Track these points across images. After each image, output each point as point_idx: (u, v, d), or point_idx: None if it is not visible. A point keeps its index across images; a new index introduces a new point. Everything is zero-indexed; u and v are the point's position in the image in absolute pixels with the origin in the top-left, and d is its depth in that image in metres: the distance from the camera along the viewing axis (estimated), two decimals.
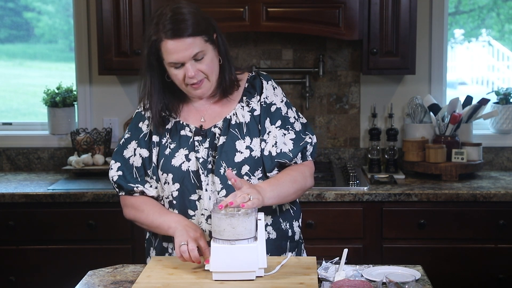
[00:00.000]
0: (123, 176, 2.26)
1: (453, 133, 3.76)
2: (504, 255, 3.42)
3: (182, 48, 2.08)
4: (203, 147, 2.19)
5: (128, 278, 2.08)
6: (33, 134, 4.09)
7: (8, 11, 4.32)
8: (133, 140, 2.27)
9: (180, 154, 2.20)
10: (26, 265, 3.45)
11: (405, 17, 3.58)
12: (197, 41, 2.11)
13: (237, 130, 2.20)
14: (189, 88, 2.15)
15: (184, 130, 2.23)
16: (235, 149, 2.17)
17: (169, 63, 2.12)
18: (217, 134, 2.20)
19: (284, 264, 2.09)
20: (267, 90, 2.26)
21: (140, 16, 3.60)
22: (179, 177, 2.19)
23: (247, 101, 2.24)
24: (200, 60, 2.12)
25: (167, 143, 2.22)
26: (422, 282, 2.03)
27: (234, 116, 2.22)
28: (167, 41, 2.08)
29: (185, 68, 2.11)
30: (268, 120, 2.23)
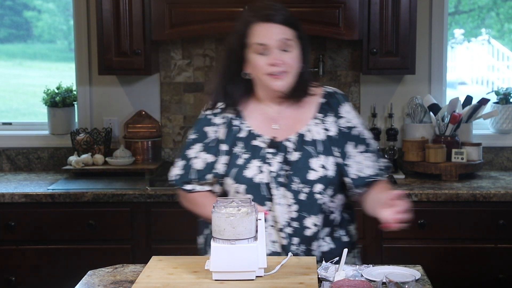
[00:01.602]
0: (182, 177, 2.29)
1: (453, 133, 3.76)
2: (504, 255, 3.42)
3: (274, 31, 2.11)
4: (275, 160, 2.18)
5: (128, 278, 2.08)
6: (33, 134, 4.09)
7: (8, 11, 4.32)
8: (198, 143, 2.27)
9: (253, 165, 2.19)
10: (26, 265, 3.45)
11: (405, 17, 3.58)
12: (289, 31, 2.14)
13: (311, 148, 2.19)
14: (268, 78, 2.14)
15: (257, 140, 2.22)
16: (309, 166, 2.17)
17: (254, 45, 2.12)
18: (289, 148, 2.19)
19: (284, 264, 2.09)
20: (348, 113, 2.24)
21: (140, 16, 3.60)
22: (251, 188, 2.19)
23: (322, 119, 2.22)
24: (286, 52, 2.13)
25: (240, 152, 2.22)
26: (422, 282, 2.03)
27: (308, 133, 2.20)
28: (260, 23, 2.12)
29: (270, 54, 2.11)
30: (350, 144, 2.21)
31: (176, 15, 3.58)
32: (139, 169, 3.77)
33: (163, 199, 3.38)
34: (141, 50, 3.62)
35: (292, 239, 2.20)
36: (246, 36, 2.14)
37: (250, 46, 2.14)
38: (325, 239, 2.26)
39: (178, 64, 3.98)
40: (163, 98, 4.00)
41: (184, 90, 3.99)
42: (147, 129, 3.94)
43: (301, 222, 2.19)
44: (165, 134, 4.01)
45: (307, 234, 2.20)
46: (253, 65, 2.15)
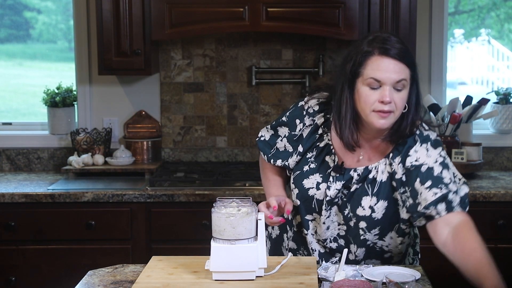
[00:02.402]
0: (265, 143, 2.34)
1: (453, 133, 3.76)
2: (504, 255, 3.41)
3: (392, 68, 2.02)
4: (335, 185, 2.17)
5: (128, 278, 2.08)
6: (33, 134, 4.09)
7: (8, 11, 4.32)
8: (287, 127, 2.29)
9: (314, 178, 2.20)
10: (26, 265, 3.45)
11: (405, 17, 3.58)
12: (406, 70, 2.05)
13: (369, 186, 2.14)
14: (374, 115, 2.04)
15: (329, 157, 2.20)
16: (359, 203, 2.15)
17: (368, 79, 2.03)
18: (354, 179, 2.16)
19: (284, 264, 2.09)
20: (417, 152, 2.11)
21: (140, 16, 3.60)
22: (303, 197, 2.22)
23: (391, 161, 2.14)
24: (398, 91, 2.04)
25: (310, 160, 2.22)
26: (422, 282, 2.03)
27: (374, 170, 2.15)
28: (380, 57, 2.03)
29: (382, 90, 2.02)
30: (418, 180, 2.08)
31: (176, 15, 3.58)
32: (139, 169, 3.77)
33: (163, 199, 3.38)
34: (141, 50, 3.62)
35: (335, 253, 2.24)
36: (361, 66, 2.05)
37: (363, 78, 2.04)
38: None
39: (178, 64, 3.98)
40: (163, 98, 4.00)
41: (184, 90, 3.99)
42: (147, 129, 3.94)
43: (347, 242, 2.23)
44: (165, 134, 4.01)
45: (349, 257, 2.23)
46: (362, 97, 2.06)
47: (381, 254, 2.25)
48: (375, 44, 2.04)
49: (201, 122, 4.00)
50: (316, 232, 2.24)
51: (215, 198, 2.12)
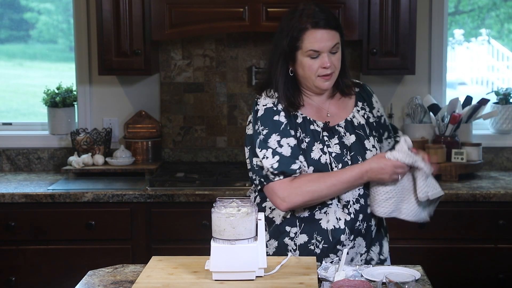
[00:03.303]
0: (281, 161, 2.25)
1: (453, 133, 3.76)
2: (504, 255, 3.42)
3: (325, 38, 2.26)
4: (332, 142, 2.33)
5: (128, 278, 2.08)
6: (33, 134, 4.09)
7: (8, 11, 4.32)
8: (273, 134, 2.29)
9: (316, 148, 2.31)
10: (26, 265, 3.45)
11: (405, 17, 3.58)
12: (336, 35, 2.30)
13: (361, 131, 2.37)
14: (319, 79, 2.30)
15: (313, 125, 2.34)
16: (365, 147, 2.34)
17: (308, 51, 2.26)
18: (342, 133, 2.35)
19: (284, 264, 2.09)
20: (377, 103, 2.47)
21: (140, 16, 3.60)
22: (318, 169, 2.29)
23: (362, 107, 2.43)
24: (334, 54, 2.29)
25: (301, 137, 2.32)
26: (422, 282, 2.03)
27: (354, 119, 2.39)
28: (313, 30, 2.26)
29: (321, 58, 2.27)
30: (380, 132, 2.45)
31: (176, 15, 3.58)
32: (139, 169, 3.77)
33: (163, 199, 3.38)
34: (141, 50, 3.62)
35: (359, 215, 2.31)
36: (298, 41, 2.27)
37: (303, 51, 2.28)
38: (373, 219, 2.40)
39: (178, 64, 3.98)
40: (163, 98, 4.00)
41: (184, 90, 3.99)
42: (147, 129, 3.94)
43: (366, 199, 2.33)
44: (165, 134, 4.02)
45: (369, 210, 2.33)
46: (304, 67, 2.30)
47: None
48: (305, 19, 2.27)
49: (201, 122, 4.01)
50: (339, 199, 2.31)
51: (215, 198, 2.13)
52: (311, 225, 2.30)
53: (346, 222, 2.29)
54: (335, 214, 2.29)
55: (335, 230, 2.29)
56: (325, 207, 2.30)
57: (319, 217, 2.30)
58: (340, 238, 2.28)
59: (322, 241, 2.29)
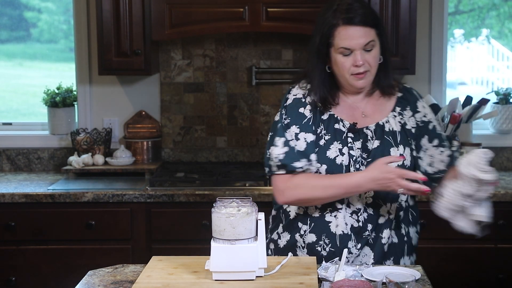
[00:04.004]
0: (289, 154, 2.25)
1: (453, 133, 3.76)
2: (504, 255, 3.42)
3: (357, 35, 2.18)
4: (355, 145, 2.26)
5: (128, 278, 2.08)
6: (33, 134, 4.09)
7: (8, 11, 4.32)
8: (293, 125, 2.29)
9: (334, 147, 2.26)
10: (26, 265, 3.45)
11: (405, 17, 3.58)
12: (371, 32, 2.20)
13: (391, 138, 2.27)
14: (352, 78, 2.22)
15: (339, 124, 2.28)
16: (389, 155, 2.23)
17: (339, 48, 2.20)
18: (369, 136, 2.27)
19: (284, 264, 2.09)
20: (424, 108, 2.33)
21: (140, 16, 3.60)
22: (332, 169, 2.25)
23: (400, 112, 2.31)
24: (369, 51, 2.20)
25: (321, 134, 2.27)
26: (422, 282, 2.03)
27: (387, 124, 2.29)
28: (345, 27, 2.18)
29: (354, 55, 2.19)
30: (425, 138, 2.30)
31: (176, 15, 3.58)
32: (139, 169, 3.77)
33: (163, 199, 3.38)
34: (141, 50, 3.62)
35: (367, 224, 2.27)
36: (330, 37, 2.21)
37: (335, 48, 2.21)
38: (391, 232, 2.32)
39: (178, 64, 3.98)
40: (163, 98, 4.00)
41: (184, 90, 3.99)
42: (147, 129, 3.94)
43: (376, 209, 2.27)
44: (165, 134, 4.02)
45: (380, 221, 2.27)
46: (337, 64, 2.23)
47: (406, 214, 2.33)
48: (339, 14, 2.19)
49: (201, 122, 4.00)
50: (349, 205, 2.26)
51: (215, 198, 2.12)
52: (321, 226, 2.28)
53: (353, 228, 2.26)
54: (345, 219, 2.26)
55: (343, 235, 2.26)
56: (335, 210, 2.26)
57: (329, 220, 2.28)
58: (348, 245, 2.26)
59: (330, 244, 2.28)
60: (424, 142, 2.30)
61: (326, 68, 2.27)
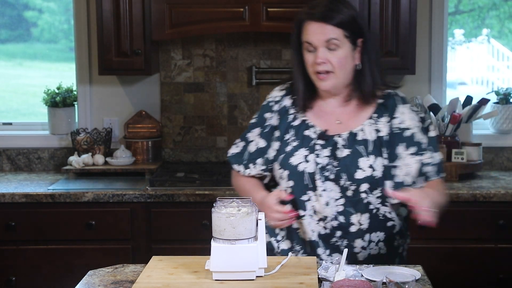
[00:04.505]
0: (236, 155, 2.39)
1: (453, 133, 3.76)
2: (504, 255, 3.42)
3: (317, 31, 2.17)
4: (323, 153, 2.23)
5: (128, 278, 2.08)
6: (33, 134, 4.09)
7: (8, 11, 4.32)
8: (258, 127, 2.36)
9: (300, 153, 2.24)
10: (26, 265, 3.45)
11: (405, 17, 3.58)
12: (335, 30, 2.18)
13: (362, 147, 2.21)
14: (315, 78, 2.22)
15: (309, 130, 2.27)
16: (357, 165, 2.20)
17: (304, 43, 2.21)
18: (339, 144, 2.23)
19: (284, 264, 2.09)
20: (403, 114, 2.25)
21: (140, 16, 3.60)
22: (294, 175, 2.24)
23: (376, 119, 2.25)
24: (332, 51, 2.18)
25: (290, 140, 2.27)
26: (422, 282, 2.03)
27: (361, 132, 2.24)
28: (308, 22, 2.20)
29: (316, 52, 2.18)
30: (402, 146, 2.22)
31: (176, 15, 3.58)
32: (139, 169, 3.77)
33: (163, 199, 3.38)
34: (141, 50, 3.62)
35: (336, 232, 2.24)
36: (300, 34, 2.23)
37: (303, 44, 2.23)
38: (379, 244, 2.27)
39: (178, 64, 3.98)
40: (163, 98, 4.00)
41: (184, 90, 3.99)
42: (147, 129, 3.94)
43: (347, 217, 2.23)
44: (165, 134, 4.02)
45: (352, 230, 2.23)
46: (305, 62, 2.23)
47: (384, 223, 2.26)
48: (306, 10, 2.22)
49: (201, 122, 4.00)
50: (315, 212, 2.23)
51: (215, 198, 2.12)
52: (292, 232, 2.29)
53: (320, 235, 2.24)
54: (310, 226, 2.24)
55: (311, 242, 2.25)
56: (300, 217, 2.24)
57: (296, 226, 2.27)
58: (317, 251, 2.24)
59: (301, 251, 2.27)
60: (400, 151, 2.22)
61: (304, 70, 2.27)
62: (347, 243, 2.24)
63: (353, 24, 2.20)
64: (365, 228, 2.24)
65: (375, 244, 2.26)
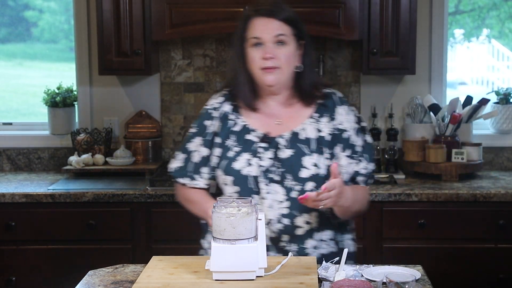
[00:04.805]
0: (180, 169, 2.34)
1: (453, 133, 3.76)
2: (504, 255, 3.42)
3: (269, 26, 2.19)
4: (266, 156, 2.22)
5: (128, 278, 2.08)
6: (34, 134, 4.09)
7: (8, 11, 4.32)
8: (198, 136, 2.33)
9: (243, 158, 2.23)
10: (26, 265, 3.45)
11: (405, 17, 3.58)
12: (284, 27, 2.20)
13: (305, 146, 2.22)
14: (261, 72, 2.20)
15: (250, 134, 2.26)
16: (301, 164, 2.20)
17: (251, 39, 2.21)
18: (281, 145, 2.23)
19: (284, 264, 2.09)
20: (341, 115, 2.27)
21: (141, 16, 3.60)
22: (238, 181, 2.23)
23: (317, 119, 2.26)
24: (280, 46, 2.19)
25: (231, 145, 2.25)
26: (422, 282, 2.03)
27: (302, 131, 2.24)
28: (256, 18, 2.21)
29: (263, 47, 2.19)
30: (339, 146, 2.25)
31: (176, 15, 3.58)
32: (139, 169, 3.77)
33: (163, 199, 3.38)
34: (141, 50, 3.62)
35: (282, 236, 2.22)
36: (245, 31, 2.23)
37: (248, 41, 2.22)
38: (328, 242, 2.27)
39: (178, 64, 3.98)
40: (163, 98, 4.00)
41: (184, 90, 3.99)
42: (147, 129, 3.94)
43: (292, 220, 2.21)
44: (165, 134, 4.02)
45: (298, 233, 2.22)
46: (249, 58, 2.22)
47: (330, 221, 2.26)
48: (251, 8, 2.24)
49: None
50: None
51: None
52: None
53: (271, 239, 2.22)
54: None
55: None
56: None
57: None
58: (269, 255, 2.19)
59: None
60: (338, 151, 2.25)
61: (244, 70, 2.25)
62: (297, 247, 2.22)
63: (298, 24, 2.24)
64: (315, 227, 2.24)
65: (326, 243, 2.26)
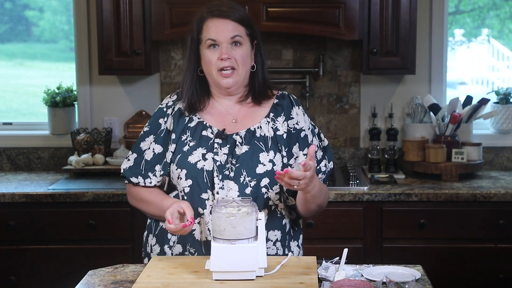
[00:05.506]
0: (130, 168, 2.32)
1: (453, 133, 3.76)
2: (504, 255, 3.42)
3: (225, 27, 2.20)
4: (222, 151, 2.22)
5: (128, 278, 2.08)
6: (33, 134, 4.09)
7: (8, 11, 4.32)
8: (151, 135, 2.32)
9: (198, 152, 2.23)
10: (26, 265, 3.45)
11: (405, 17, 3.58)
12: (239, 28, 2.22)
13: (261, 143, 2.23)
14: (218, 75, 2.22)
15: (206, 131, 2.26)
16: (258, 160, 2.21)
17: (207, 41, 2.21)
18: (237, 142, 2.23)
19: (284, 264, 2.09)
20: (298, 115, 2.29)
21: (141, 16, 3.61)
22: (192, 174, 2.22)
23: (273, 118, 2.28)
24: (236, 46, 2.21)
25: (186, 140, 2.25)
26: (422, 282, 2.03)
27: (259, 129, 2.26)
28: (212, 19, 2.21)
29: (220, 49, 2.20)
30: (297, 145, 2.27)
31: (176, 15, 3.58)
32: None
33: None
34: (141, 50, 3.62)
35: None
36: (200, 33, 2.24)
37: (203, 42, 2.23)
38: (276, 244, 2.26)
39: (178, 64, 3.98)
40: (163, 98, 3.99)
41: None
42: None
43: None
44: None
45: None
46: (205, 61, 2.23)
47: (280, 221, 2.26)
48: (206, 10, 2.24)
49: None
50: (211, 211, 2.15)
51: None
52: (186, 235, 2.20)
53: None
54: (207, 225, 2.20)
55: (207, 242, 2.20)
56: (198, 217, 2.21)
57: (193, 228, 2.21)
58: None
59: (196, 253, 2.23)
60: (296, 150, 2.26)
61: (198, 72, 2.26)
62: None
63: (251, 24, 2.27)
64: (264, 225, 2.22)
65: (273, 244, 2.25)
